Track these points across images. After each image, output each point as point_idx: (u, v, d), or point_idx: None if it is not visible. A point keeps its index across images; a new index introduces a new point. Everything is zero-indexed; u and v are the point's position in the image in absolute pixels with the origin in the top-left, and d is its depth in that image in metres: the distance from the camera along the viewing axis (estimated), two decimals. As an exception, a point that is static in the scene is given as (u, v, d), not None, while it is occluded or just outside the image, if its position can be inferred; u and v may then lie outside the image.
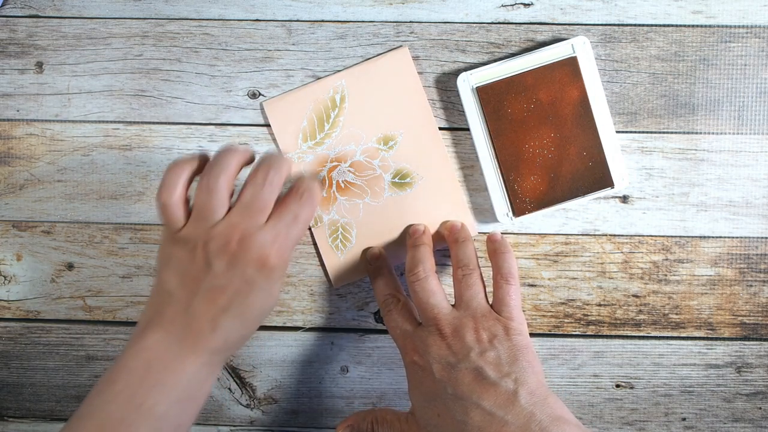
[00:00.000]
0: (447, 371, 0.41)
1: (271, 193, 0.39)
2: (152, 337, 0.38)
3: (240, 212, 0.39)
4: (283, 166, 0.40)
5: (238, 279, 0.38)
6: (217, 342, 0.38)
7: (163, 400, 0.37)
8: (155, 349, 0.38)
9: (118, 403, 0.37)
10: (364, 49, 0.49)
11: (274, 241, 0.39)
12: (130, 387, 0.37)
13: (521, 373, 0.40)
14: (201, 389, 0.39)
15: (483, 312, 0.43)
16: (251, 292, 0.38)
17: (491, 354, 0.41)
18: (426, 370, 0.42)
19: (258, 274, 0.38)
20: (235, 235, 0.38)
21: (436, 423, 0.41)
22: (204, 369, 0.39)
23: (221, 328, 0.38)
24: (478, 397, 0.39)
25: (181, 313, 0.38)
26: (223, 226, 0.39)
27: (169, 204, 0.39)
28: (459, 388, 0.40)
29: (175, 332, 0.38)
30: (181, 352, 0.38)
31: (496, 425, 0.38)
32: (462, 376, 0.40)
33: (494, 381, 0.40)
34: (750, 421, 0.50)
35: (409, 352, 0.44)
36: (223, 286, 0.38)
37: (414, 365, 0.43)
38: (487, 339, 0.42)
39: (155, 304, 0.40)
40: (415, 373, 0.43)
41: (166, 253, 0.40)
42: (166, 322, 0.39)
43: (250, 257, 0.38)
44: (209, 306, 0.38)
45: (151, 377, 0.38)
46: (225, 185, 0.39)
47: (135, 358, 0.38)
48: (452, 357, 0.41)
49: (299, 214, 0.39)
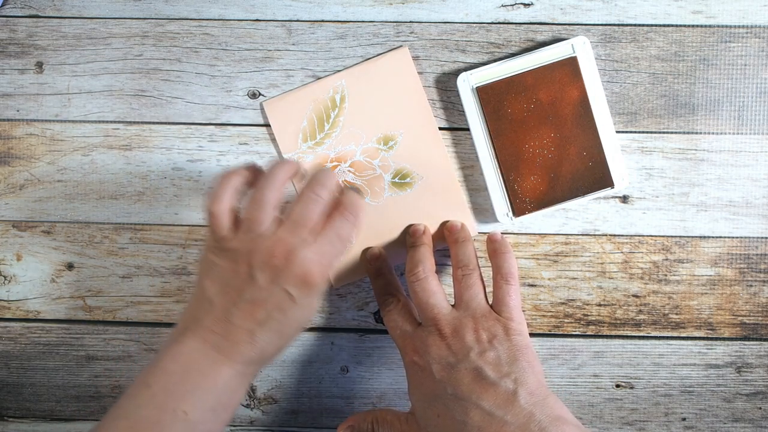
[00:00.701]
0: (447, 371, 0.41)
1: (319, 210, 0.40)
2: (190, 343, 0.39)
3: (288, 228, 0.40)
4: (331, 182, 0.41)
5: (279, 293, 0.39)
6: (253, 353, 0.39)
7: (198, 405, 0.38)
8: (192, 355, 0.39)
9: (153, 406, 0.37)
10: (364, 49, 0.49)
11: (318, 259, 0.39)
12: (165, 391, 0.38)
13: (521, 373, 0.40)
14: (233, 398, 0.40)
15: (483, 312, 0.43)
16: (290, 308, 0.39)
17: (491, 354, 0.41)
18: (426, 370, 0.42)
19: (299, 290, 0.39)
20: (281, 250, 0.39)
21: (436, 423, 0.41)
22: (238, 378, 0.39)
23: (258, 340, 0.39)
24: (477, 397, 0.39)
25: (220, 322, 0.39)
26: (269, 240, 0.39)
27: (216, 213, 0.40)
28: (459, 388, 0.40)
29: (212, 340, 0.39)
30: (218, 360, 0.39)
31: (495, 425, 0.38)
32: (462, 376, 0.40)
33: (494, 381, 0.40)
34: (750, 421, 0.50)
35: (409, 352, 0.44)
36: (263, 300, 0.39)
37: (414, 365, 0.43)
38: (486, 339, 0.42)
39: (194, 310, 0.40)
40: (415, 374, 0.43)
41: (209, 261, 0.41)
42: (205, 329, 0.39)
43: (293, 273, 0.38)
44: (248, 317, 0.39)
45: (188, 383, 0.38)
46: (273, 200, 0.40)
47: (172, 362, 0.39)
48: (452, 357, 0.41)
49: (344, 233, 0.40)
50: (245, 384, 0.40)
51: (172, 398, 0.37)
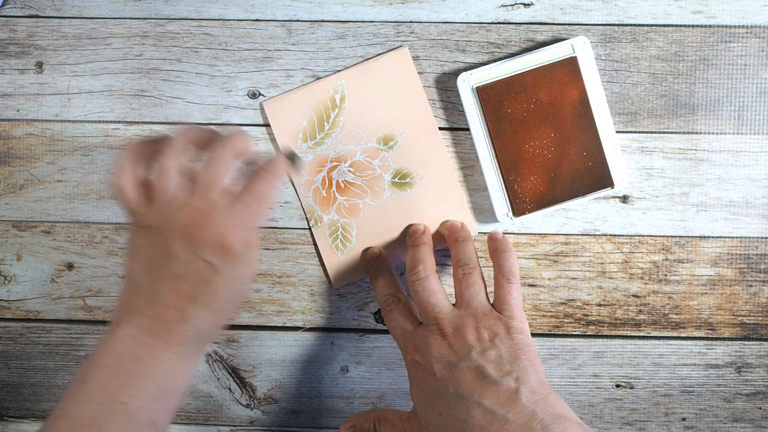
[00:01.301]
0: (448, 370, 0.41)
1: (222, 169, 0.38)
2: (122, 331, 0.37)
3: (198, 194, 0.37)
4: (240, 143, 0.38)
5: (199, 264, 0.36)
6: (187, 332, 0.37)
7: (137, 395, 0.36)
8: (125, 343, 0.37)
9: (91, 402, 0.36)
10: (364, 49, 0.49)
11: (234, 222, 0.37)
12: (101, 384, 0.36)
13: (522, 371, 0.40)
14: (176, 383, 0.38)
15: (484, 311, 0.43)
16: (215, 279, 0.37)
17: (492, 353, 0.41)
18: (427, 369, 0.42)
19: (219, 258, 0.36)
20: (192, 217, 0.37)
21: (437, 422, 0.41)
22: (178, 361, 0.37)
23: (190, 317, 0.37)
24: (479, 396, 0.39)
25: (149, 304, 0.37)
26: (181, 209, 0.37)
27: (122, 187, 0.38)
28: (460, 387, 0.40)
29: (144, 324, 0.37)
30: (152, 344, 0.37)
31: (497, 424, 0.38)
32: (463, 375, 0.40)
33: (495, 379, 0.40)
34: (750, 421, 0.50)
35: (410, 351, 0.44)
36: (185, 273, 0.37)
37: (415, 365, 0.43)
38: (488, 338, 0.42)
39: (125, 296, 0.38)
40: (416, 373, 0.43)
41: (130, 241, 0.39)
42: (135, 314, 0.37)
43: (209, 240, 0.36)
44: (174, 295, 0.37)
45: (123, 372, 0.36)
46: (174, 164, 0.37)
47: (106, 354, 0.37)
48: (453, 356, 0.41)
49: (260, 193, 0.38)
50: (188, 367, 0.39)
51: (109, 391, 0.36)
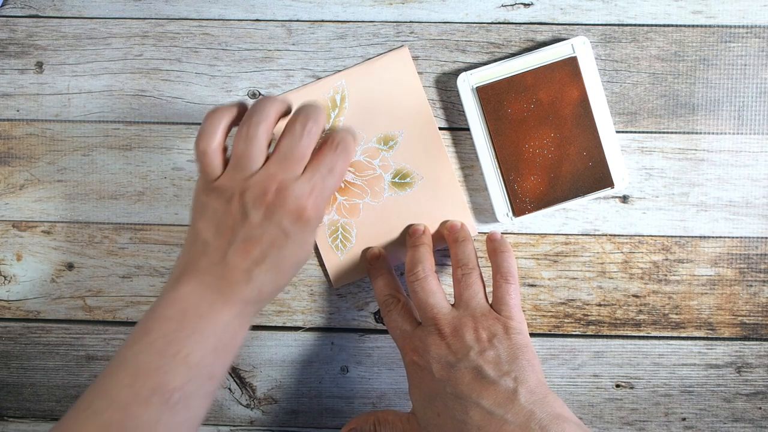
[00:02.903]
0: (446, 371, 0.41)
1: (308, 143, 0.39)
2: (187, 286, 0.38)
3: (277, 163, 0.39)
4: (320, 116, 0.40)
5: (273, 230, 0.38)
6: (250, 293, 0.38)
7: (198, 349, 0.37)
8: (190, 299, 0.38)
9: (153, 352, 0.37)
10: (364, 49, 0.49)
11: (310, 192, 0.39)
12: (165, 336, 0.37)
13: (521, 371, 0.40)
14: (234, 339, 0.39)
15: (482, 311, 0.43)
16: (286, 244, 0.38)
17: (490, 353, 0.41)
18: (426, 369, 0.42)
19: (293, 225, 0.38)
20: (272, 186, 0.38)
21: (436, 422, 0.41)
22: (237, 319, 0.39)
23: (255, 279, 0.38)
24: (477, 396, 0.39)
25: (216, 264, 0.38)
26: (260, 176, 0.38)
27: (207, 152, 0.39)
28: (458, 387, 0.40)
29: (209, 282, 0.38)
30: (216, 301, 0.38)
31: (495, 424, 0.38)
32: (461, 375, 0.40)
33: (494, 380, 0.40)
34: (750, 421, 0.50)
35: (409, 352, 0.44)
36: (258, 237, 0.38)
37: (414, 365, 0.43)
38: (486, 338, 0.42)
39: (189, 253, 0.40)
40: (415, 373, 0.43)
41: (202, 203, 0.40)
42: (201, 272, 0.38)
43: (286, 208, 0.38)
44: (244, 257, 0.38)
45: (186, 326, 0.37)
46: (264, 134, 0.39)
47: (169, 307, 0.38)
48: (452, 356, 0.41)
49: (335, 166, 0.40)
50: (245, 325, 0.40)
51: (172, 343, 0.37)
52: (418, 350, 0.43)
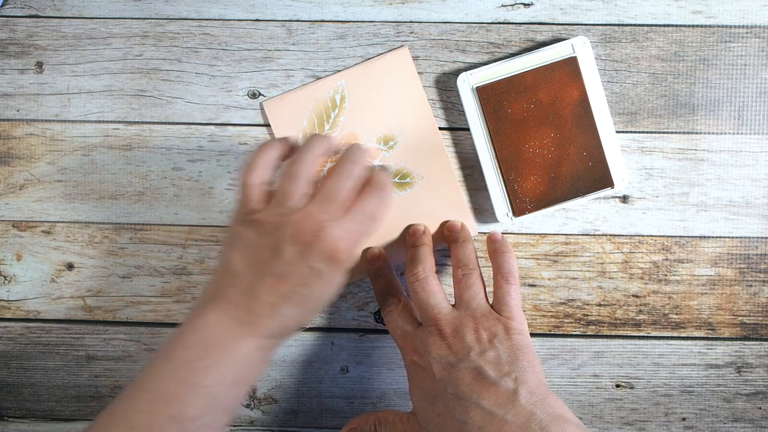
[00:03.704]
0: (447, 371, 0.41)
1: (352, 188, 0.40)
2: (212, 315, 0.38)
3: (319, 204, 0.39)
4: (364, 159, 0.40)
5: (305, 269, 0.38)
6: (274, 327, 0.39)
7: (219, 380, 0.37)
8: (214, 328, 0.38)
9: (174, 380, 0.37)
10: (364, 49, 0.49)
11: (347, 236, 0.39)
12: (186, 364, 0.37)
13: (521, 372, 0.40)
14: (253, 372, 0.39)
15: (483, 312, 0.43)
16: (315, 284, 0.38)
17: (491, 353, 0.41)
18: (426, 370, 0.42)
19: (326, 266, 0.38)
20: (311, 226, 0.38)
21: (436, 423, 0.41)
22: (259, 352, 0.39)
23: (281, 314, 0.38)
24: (478, 397, 0.39)
25: (244, 295, 0.38)
26: (300, 215, 0.39)
27: (252, 184, 0.40)
28: (459, 387, 0.40)
29: (235, 313, 0.38)
30: (240, 333, 0.38)
31: (496, 424, 0.38)
32: (462, 375, 0.40)
33: (494, 380, 0.40)
34: (750, 421, 0.50)
35: (410, 352, 0.44)
36: (289, 274, 0.38)
37: (414, 365, 0.43)
38: (487, 338, 0.42)
39: (218, 282, 0.40)
40: (415, 373, 0.43)
41: (237, 233, 0.40)
42: (228, 302, 0.38)
43: (321, 249, 0.38)
44: (272, 291, 0.38)
45: (209, 356, 0.37)
46: (308, 174, 0.40)
47: (193, 334, 0.38)
48: (452, 357, 0.41)
49: (375, 213, 0.40)
50: (266, 358, 0.40)
51: (194, 372, 0.37)
52: (419, 350, 0.43)
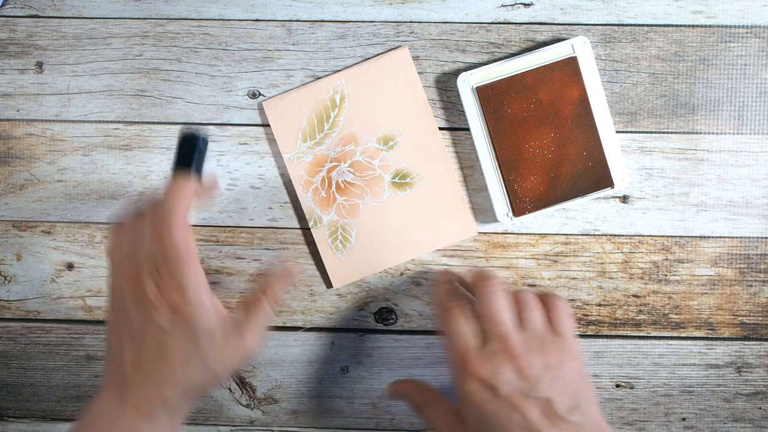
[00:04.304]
0: (516, 397, 0.38)
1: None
2: (100, 393, 0.38)
3: (141, 249, 0.38)
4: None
5: (150, 326, 0.37)
6: (151, 392, 0.37)
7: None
8: (101, 406, 0.37)
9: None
10: (364, 49, 0.49)
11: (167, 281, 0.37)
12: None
13: (586, 404, 0.38)
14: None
15: (546, 334, 0.41)
16: (166, 339, 0.37)
17: (560, 384, 0.39)
18: (492, 391, 0.39)
19: (167, 321, 0.37)
20: (136, 273, 0.37)
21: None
22: (149, 426, 0.37)
23: (150, 376, 0.37)
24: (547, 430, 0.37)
25: (118, 367, 0.37)
26: (130, 266, 0.37)
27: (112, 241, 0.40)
28: (527, 418, 0.37)
29: (115, 388, 0.37)
30: (123, 406, 0.37)
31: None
32: (532, 406, 0.38)
33: (563, 416, 0.38)
34: (750, 421, 0.50)
35: (475, 368, 0.39)
36: (142, 333, 0.37)
37: (480, 384, 0.39)
38: (555, 365, 0.39)
39: (105, 363, 0.39)
40: (477, 393, 0.39)
41: (107, 308, 0.40)
42: (110, 379, 0.38)
43: (149, 297, 0.37)
44: (134, 355, 0.37)
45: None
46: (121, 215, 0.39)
47: (84, 415, 0.37)
48: (524, 383, 0.38)
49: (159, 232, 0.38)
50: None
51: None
52: (485, 369, 0.39)
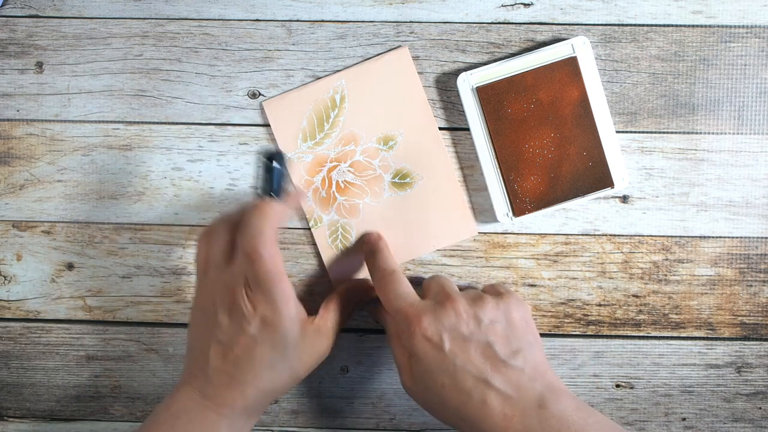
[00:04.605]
0: (458, 344, 0.40)
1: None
2: (181, 390, 0.40)
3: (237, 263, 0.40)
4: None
5: (240, 333, 0.39)
6: (235, 398, 0.39)
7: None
8: (183, 403, 0.39)
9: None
10: (364, 49, 0.49)
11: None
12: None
13: (528, 348, 0.41)
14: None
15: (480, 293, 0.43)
16: (256, 348, 0.39)
17: (500, 326, 0.41)
18: (435, 344, 0.40)
19: (254, 326, 0.39)
20: (231, 285, 0.39)
21: (439, 393, 0.40)
22: (228, 428, 0.39)
23: (237, 383, 0.39)
24: (488, 375, 0.39)
25: (202, 367, 0.40)
26: (225, 278, 0.40)
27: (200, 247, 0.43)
28: (469, 361, 0.39)
29: (198, 385, 0.40)
30: (205, 405, 0.39)
31: (510, 406, 0.38)
32: (473, 349, 0.40)
33: (504, 359, 0.40)
34: (750, 421, 0.50)
35: (419, 324, 0.41)
36: (230, 340, 0.39)
37: (424, 340, 0.41)
38: (494, 309, 0.41)
39: (185, 361, 0.42)
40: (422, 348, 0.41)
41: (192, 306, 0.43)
42: (192, 376, 0.40)
43: (245, 310, 0.39)
44: (222, 360, 0.39)
45: (178, 428, 0.39)
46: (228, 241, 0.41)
47: (165, 410, 0.40)
48: (464, 328, 0.40)
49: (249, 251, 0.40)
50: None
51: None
52: (427, 322, 0.41)
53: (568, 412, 0.38)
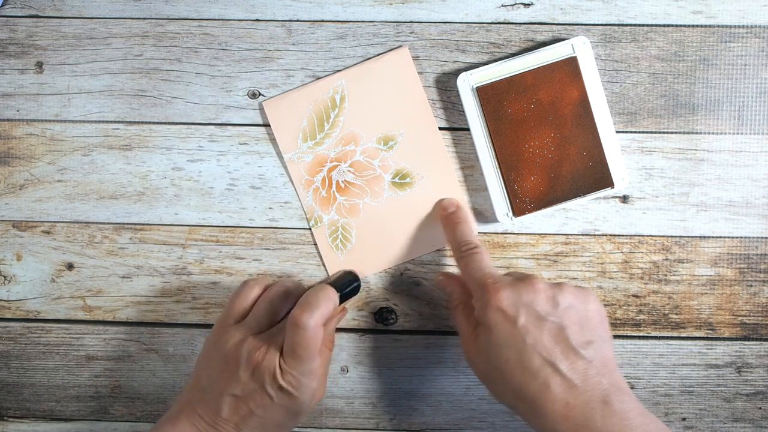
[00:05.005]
0: (532, 321, 0.40)
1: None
2: (182, 426, 0.42)
3: (276, 330, 0.43)
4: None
5: (258, 389, 0.41)
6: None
7: None
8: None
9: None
10: (364, 49, 0.49)
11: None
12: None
13: (600, 342, 0.40)
14: None
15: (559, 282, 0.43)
16: (270, 406, 0.41)
17: (575, 314, 0.40)
18: (508, 317, 0.40)
19: (273, 389, 0.41)
20: (263, 347, 0.42)
21: (502, 368, 0.39)
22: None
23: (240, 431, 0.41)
24: (557, 359, 0.38)
25: (210, 412, 0.41)
26: (258, 338, 0.42)
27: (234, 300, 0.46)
28: (540, 342, 0.39)
29: (202, 427, 0.41)
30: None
31: (573, 395, 0.38)
32: (546, 330, 0.39)
33: (575, 347, 0.39)
34: (750, 421, 0.50)
35: (494, 293, 0.41)
36: (246, 395, 0.41)
37: (499, 311, 0.40)
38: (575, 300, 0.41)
39: (189, 394, 0.43)
40: (494, 319, 0.40)
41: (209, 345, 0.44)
42: (197, 416, 0.42)
43: (266, 370, 0.41)
44: (233, 411, 0.41)
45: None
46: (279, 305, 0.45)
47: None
48: (542, 307, 0.40)
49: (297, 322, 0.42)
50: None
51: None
52: (507, 295, 0.40)
53: (632, 414, 0.37)
